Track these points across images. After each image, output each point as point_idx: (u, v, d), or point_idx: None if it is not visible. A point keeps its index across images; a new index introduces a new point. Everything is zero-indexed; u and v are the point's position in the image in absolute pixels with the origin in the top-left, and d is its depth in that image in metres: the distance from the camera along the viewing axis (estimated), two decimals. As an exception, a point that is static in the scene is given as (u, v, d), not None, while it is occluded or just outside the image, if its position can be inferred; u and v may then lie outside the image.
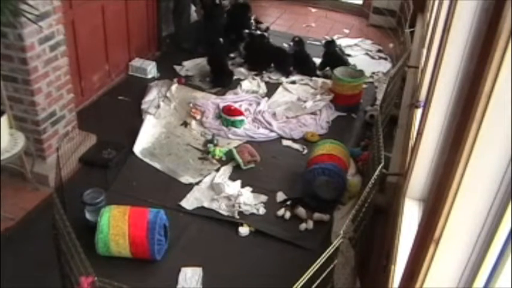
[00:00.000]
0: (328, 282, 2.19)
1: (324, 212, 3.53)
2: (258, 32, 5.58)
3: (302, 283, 1.75)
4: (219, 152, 4.09)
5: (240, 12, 5.89)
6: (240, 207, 3.53)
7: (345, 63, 5.32)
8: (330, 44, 5.44)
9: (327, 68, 5.36)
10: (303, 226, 3.43)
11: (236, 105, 4.62)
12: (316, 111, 4.73)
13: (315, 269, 1.81)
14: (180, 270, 3.05)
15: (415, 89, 3.73)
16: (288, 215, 3.51)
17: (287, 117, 4.65)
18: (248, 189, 3.74)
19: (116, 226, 2.97)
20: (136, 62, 5.20)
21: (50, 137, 3.65)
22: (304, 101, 4.88)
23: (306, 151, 4.22)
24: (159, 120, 4.45)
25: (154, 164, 3.95)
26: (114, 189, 3.60)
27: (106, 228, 2.96)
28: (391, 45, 6.07)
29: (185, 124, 4.46)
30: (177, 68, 5.35)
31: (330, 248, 1.88)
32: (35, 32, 3.23)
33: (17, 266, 2.99)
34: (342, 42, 6.23)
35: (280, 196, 3.71)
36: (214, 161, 4.02)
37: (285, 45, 5.66)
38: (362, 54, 6.01)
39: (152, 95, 4.77)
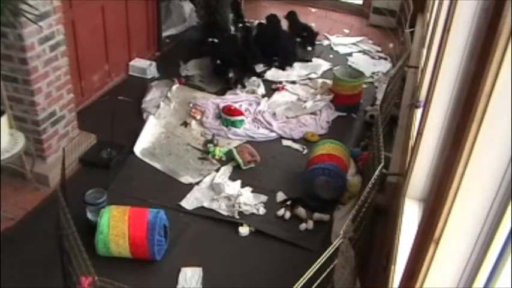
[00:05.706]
0: (328, 282, 2.19)
1: (324, 212, 3.53)
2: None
3: (302, 283, 1.75)
4: (219, 152, 4.08)
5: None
6: (240, 207, 3.52)
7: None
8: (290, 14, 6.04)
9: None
10: (303, 226, 3.43)
11: (236, 105, 4.62)
12: (316, 111, 4.73)
13: (315, 269, 1.81)
14: (180, 270, 3.05)
15: (415, 89, 3.73)
16: (288, 215, 3.51)
17: (287, 117, 4.65)
18: (248, 189, 3.74)
19: (116, 227, 2.96)
20: (136, 62, 5.20)
21: (50, 137, 3.64)
22: (304, 101, 4.87)
23: (306, 151, 4.22)
24: (159, 120, 4.45)
25: (154, 164, 3.95)
26: (114, 189, 3.59)
27: (106, 229, 2.96)
28: (391, 45, 6.07)
29: (185, 124, 4.46)
30: (177, 68, 5.35)
31: (330, 248, 1.88)
32: (35, 32, 3.23)
33: (17, 266, 2.99)
34: (342, 41, 6.24)
35: (280, 196, 3.71)
36: (214, 161, 4.02)
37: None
38: (362, 54, 6.01)
39: (152, 95, 4.77)
